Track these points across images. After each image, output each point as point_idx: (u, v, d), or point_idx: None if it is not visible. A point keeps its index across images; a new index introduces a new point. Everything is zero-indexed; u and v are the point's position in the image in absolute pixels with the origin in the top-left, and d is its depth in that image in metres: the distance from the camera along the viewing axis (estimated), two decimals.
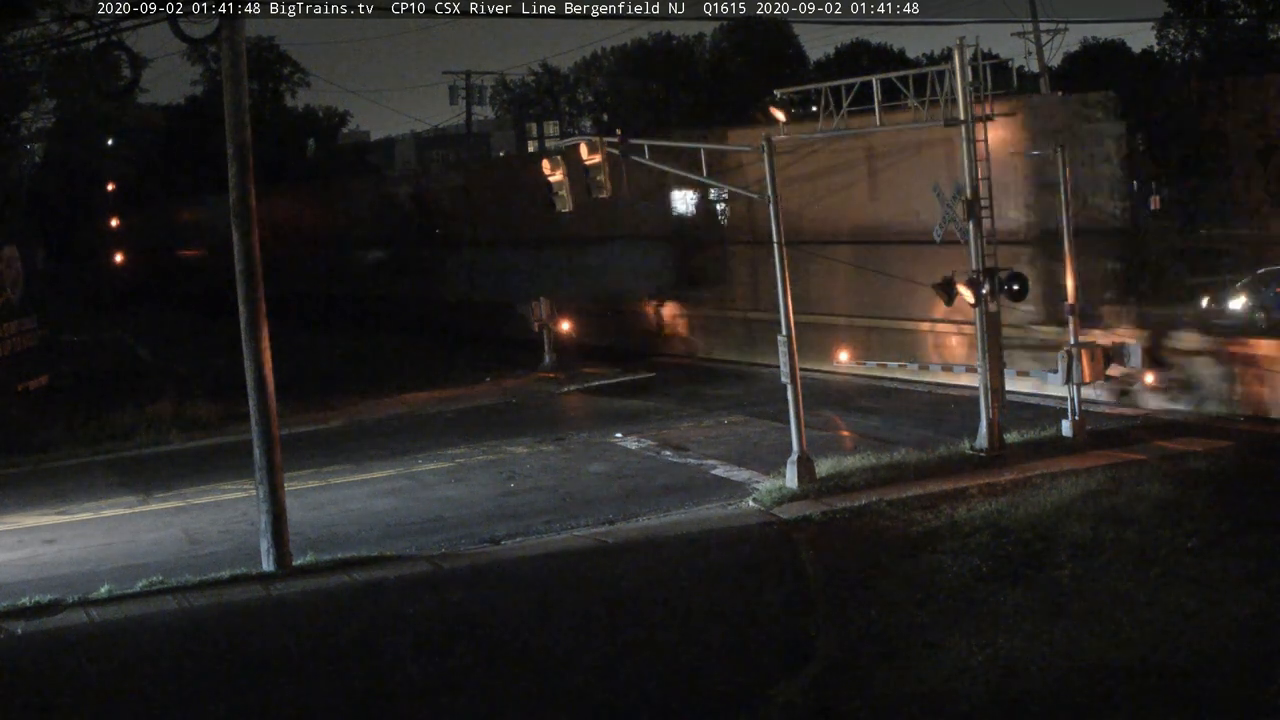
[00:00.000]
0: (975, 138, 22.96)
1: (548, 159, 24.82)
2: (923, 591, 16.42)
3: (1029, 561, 17.10)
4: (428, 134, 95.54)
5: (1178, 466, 21.25)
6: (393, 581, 18.37)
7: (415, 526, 21.76)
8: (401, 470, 26.10)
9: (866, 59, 76.55)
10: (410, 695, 14.59)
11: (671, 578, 18.02)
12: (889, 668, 14.36)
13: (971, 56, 23.19)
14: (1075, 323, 24.52)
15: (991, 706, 13.20)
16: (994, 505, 19.71)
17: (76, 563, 20.73)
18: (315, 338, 46.54)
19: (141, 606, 17.85)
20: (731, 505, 21.76)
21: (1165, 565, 16.50)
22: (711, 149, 25.19)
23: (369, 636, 16.39)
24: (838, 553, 18.60)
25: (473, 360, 39.70)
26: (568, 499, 22.95)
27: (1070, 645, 14.36)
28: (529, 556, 19.48)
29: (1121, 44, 76.20)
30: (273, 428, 19.46)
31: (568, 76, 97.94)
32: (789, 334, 22.34)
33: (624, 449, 26.90)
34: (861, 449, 24.29)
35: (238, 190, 19.35)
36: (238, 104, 19.31)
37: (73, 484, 26.81)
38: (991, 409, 23.21)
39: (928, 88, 23.41)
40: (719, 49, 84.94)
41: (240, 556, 19.86)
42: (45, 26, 35.92)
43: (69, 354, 45.38)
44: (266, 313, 19.39)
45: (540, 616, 16.80)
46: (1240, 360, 24.86)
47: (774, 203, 22.56)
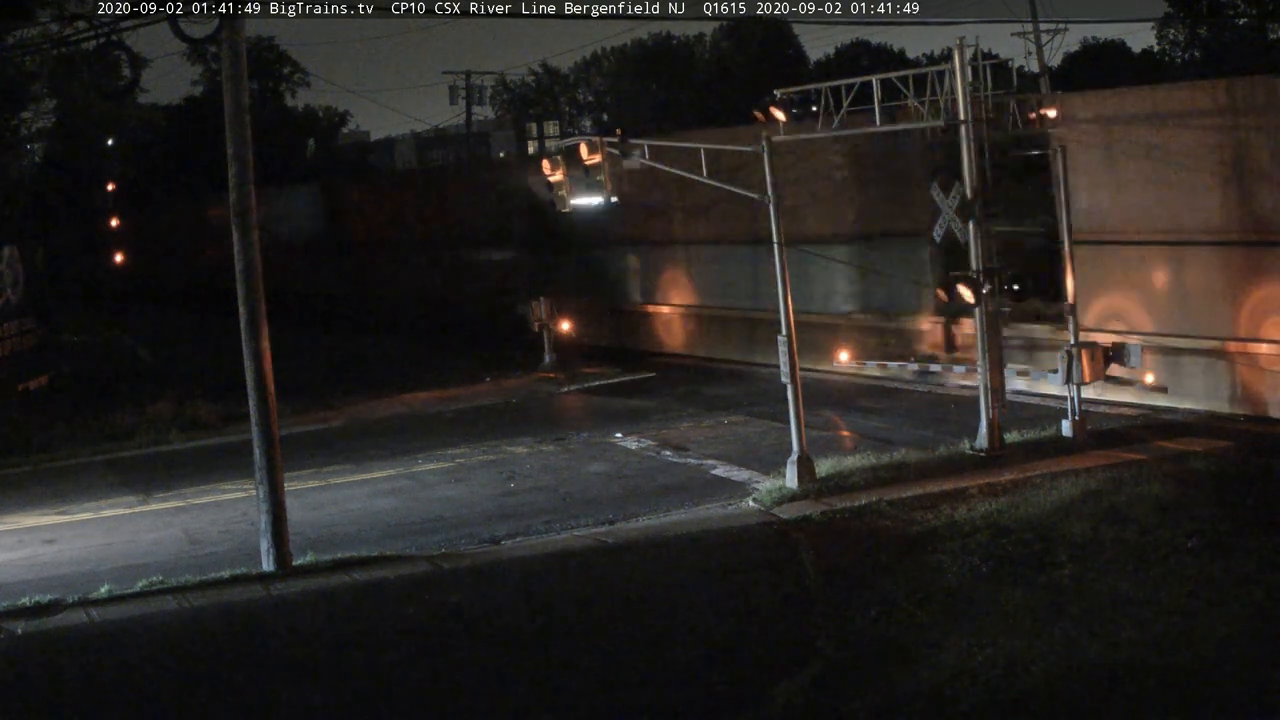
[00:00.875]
0: (970, 137, 22.99)
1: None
2: (923, 591, 16.43)
3: (1029, 561, 17.10)
4: (428, 134, 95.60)
5: (1178, 466, 21.26)
6: (393, 581, 18.37)
7: (415, 526, 21.77)
8: (401, 470, 26.11)
9: (866, 59, 76.63)
10: (410, 695, 14.60)
11: (671, 578, 18.04)
12: (889, 668, 14.36)
13: (971, 56, 23.20)
14: (1075, 323, 24.54)
15: (991, 706, 13.20)
16: (994, 505, 19.71)
17: (76, 563, 20.74)
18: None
19: (141, 606, 17.85)
20: (731, 505, 21.76)
21: (1165, 565, 16.50)
22: (713, 149, 25.15)
23: (369, 636, 16.40)
24: (838, 553, 18.61)
25: (473, 360, 39.69)
26: (568, 499, 22.96)
27: (1070, 645, 14.36)
28: (529, 556, 19.49)
29: (1121, 44, 76.36)
30: (273, 428, 19.46)
31: (568, 76, 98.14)
32: (789, 334, 22.35)
33: (624, 449, 26.91)
34: (861, 449, 24.31)
35: (238, 190, 19.35)
36: (238, 104, 19.31)
37: (73, 484, 26.81)
38: (991, 409, 23.22)
39: (928, 88, 23.42)
40: (719, 49, 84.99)
41: (240, 556, 19.86)
42: (45, 26, 35.96)
43: (69, 354, 45.34)
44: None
45: (540, 616, 16.81)
46: (1241, 360, 24.87)
47: (774, 203, 22.57)
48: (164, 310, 68.12)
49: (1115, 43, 76.18)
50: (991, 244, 23.35)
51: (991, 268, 23.18)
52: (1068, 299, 24.50)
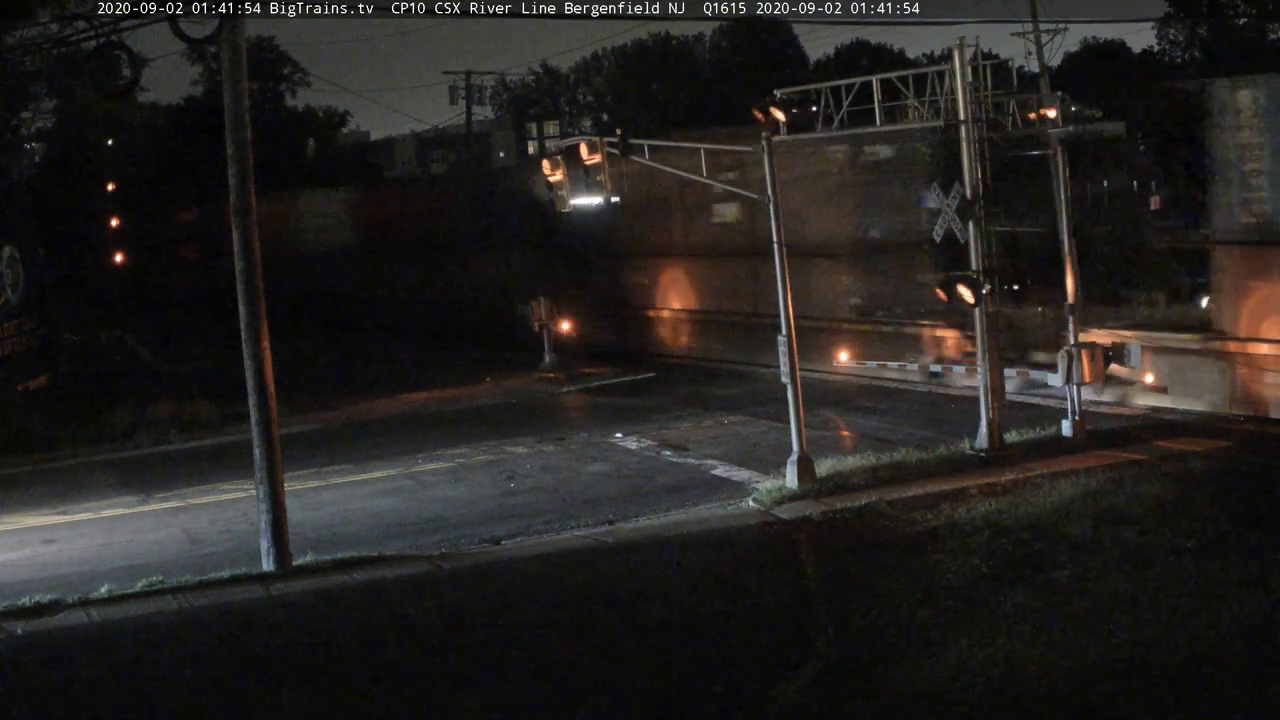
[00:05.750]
0: (970, 138, 22.98)
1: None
2: (923, 591, 16.43)
3: (1029, 561, 17.10)
4: (428, 134, 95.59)
5: (1178, 466, 21.25)
6: (393, 581, 18.37)
7: (415, 526, 21.76)
8: (401, 470, 26.11)
9: (866, 59, 76.60)
10: (410, 695, 14.60)
11: (671, 578, 18.03)
12: (889, 668, 14.36)
13: (971, 57, 23.20)
14: (1075, 323, 24.54)
15: (991, 706, 13.20)
16: (994, 505, 19.71)
17: (76, 563, 20.74)
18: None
19: (141, 606, 17.84)
20: (731, 505, 21.76)
21: (1165, 565, 16.49)
22: (712, 149, 25.18)
23: (369, 636, 16.39)
24: (838, 553, 18.61)
25: (473, 360, 39.71)
26: (568, 499, 22.95)
27: (1070, 645, 14.36)
28: (529, 556, 19.49)
29: (1121, 44, 76.26)
30: (273, 428, 19.46)
31: (568, 76, 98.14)
32: (789, 334, 22.36)
33: (624, 449, 26.91)
34: (861, 449, 24.30)
35: (238, 190, 19.34)
36: (238, 104, 19.30)
37: (73, 484, 26.80)
38: (991, 409, 23.21)
39: (928, 88, 23.42)
40: (719, 49, 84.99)
41: (240, 556, 19.86)
42: (45, 26, 35.93)
43: (69, 354, 45.34)
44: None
45: (540, 616, 16.80)
46: (1240, 360, 24.87)
47: (774, 203, 22.58)
48: (164, 310, 68.13)
49: (1115, 43, 76.10)
50: (992, 244, 23.35)
51: (991, 268, 23.17)
52: (1068, 299, 24.51)
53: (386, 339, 48.07)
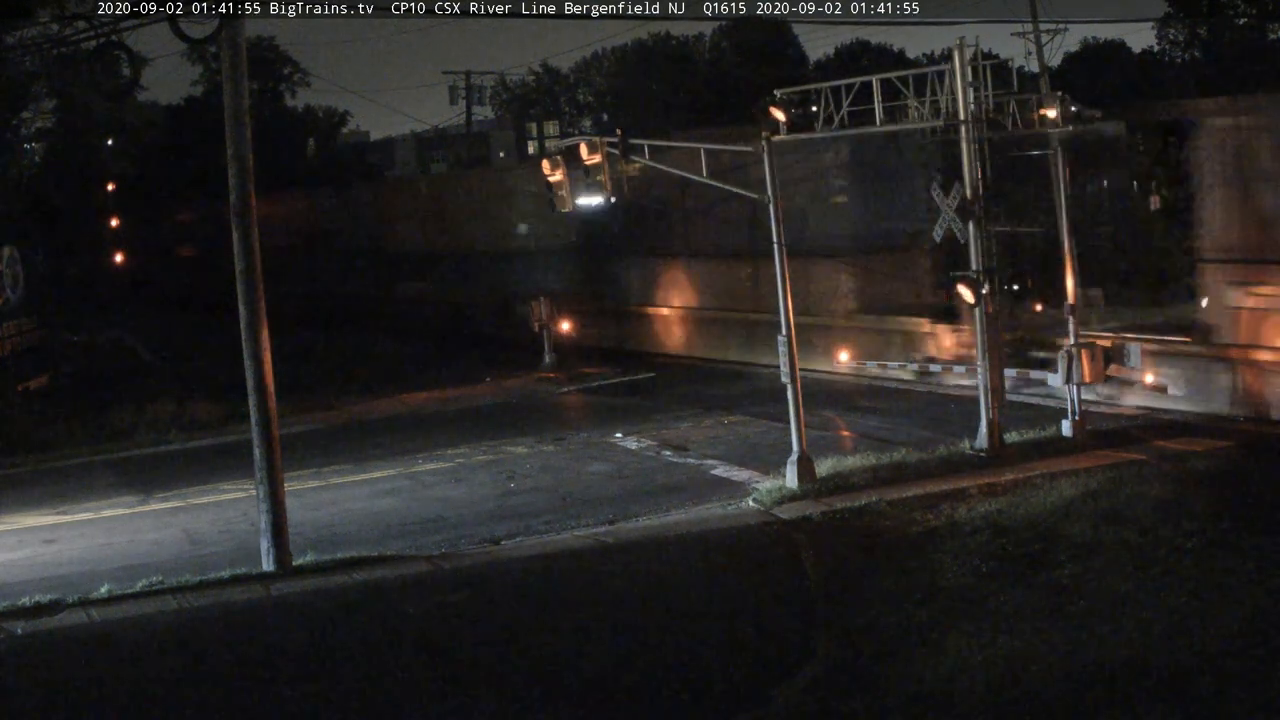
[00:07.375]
0: (970, 138, 22.98)
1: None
2: (923, 591, 16.43)
3: (1029, 561, 17.10)
4: (428, 134, 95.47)
5: (1178, 466, 21.25)
6: (393, 581, 18.37)
7: (415, 526, 21.76)
8: (401, 470, 26.11)
9: (866, 59, 76.52)
10: (410, 695, 14.60)
11: (672, 578, 18.04)
12: (889, 667, 14.36)
13: (971, 57, 23.19)
14: (1075, 323, 24.53)
15: (991, 706, 13.20)
16: (994, 505, 19.71)
17: (76, 563, 20.74)
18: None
19: (141, 606, 17.85)
20: (731, 505, 21.76)
21: (1165, 565, 16.49)
22: (712, 149, 25.15)
23: (369, 636, 16.39)
24: (838, 553, 18.61)
25: (473, 360, 39.71)
26: (568, 499, 22.95)
27: (1070, 645, 14.36)
28: (529, 556, 19.49)
29: (1121, 44, 76.18)
30: (273, 428, 19.46)
31: (568, 76, 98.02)
32: (789, 334, 22.35)
33: (624, 449, 26.90)
34: (861, 449, 24.30)
35: (238, 190, 19.35)
36: (238, 104, 19.31)
37: (73, 484, 26.81)
38: (991, 409, 23.19)
39: (928, 88, 23.41)
40: (719, 49, 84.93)
41: (240, 556, 19.86)
42: (45, 26, 35.91)
43: (69, 354, 45.36)
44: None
45: (540, 616, 16.81)
46: (1240, 361, 24.87)
47: (774, 203, 22.57)
48: (164, 311, 68.09)
49: (1115, 43, 76.03)
50: (991, 244, 23.34)
51: (991, 267, 23.16)
52: (1068, 299, 24.50)
53: (386, 339, 48.05)
